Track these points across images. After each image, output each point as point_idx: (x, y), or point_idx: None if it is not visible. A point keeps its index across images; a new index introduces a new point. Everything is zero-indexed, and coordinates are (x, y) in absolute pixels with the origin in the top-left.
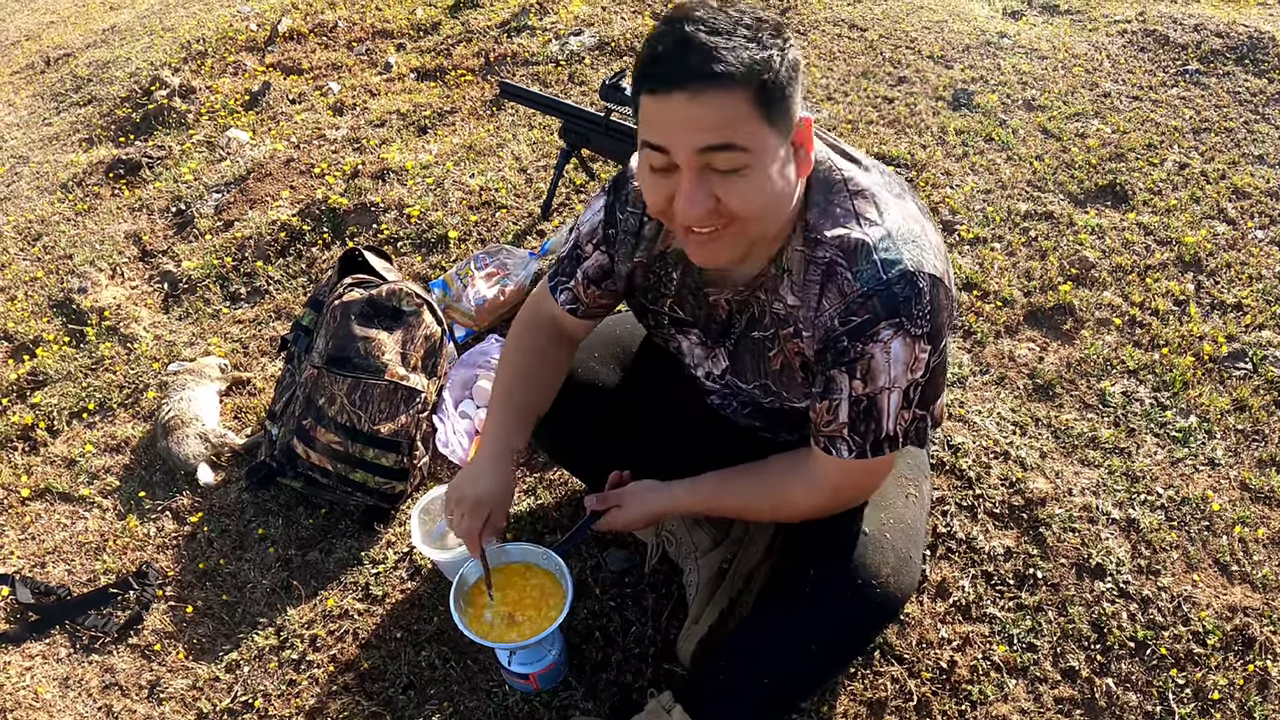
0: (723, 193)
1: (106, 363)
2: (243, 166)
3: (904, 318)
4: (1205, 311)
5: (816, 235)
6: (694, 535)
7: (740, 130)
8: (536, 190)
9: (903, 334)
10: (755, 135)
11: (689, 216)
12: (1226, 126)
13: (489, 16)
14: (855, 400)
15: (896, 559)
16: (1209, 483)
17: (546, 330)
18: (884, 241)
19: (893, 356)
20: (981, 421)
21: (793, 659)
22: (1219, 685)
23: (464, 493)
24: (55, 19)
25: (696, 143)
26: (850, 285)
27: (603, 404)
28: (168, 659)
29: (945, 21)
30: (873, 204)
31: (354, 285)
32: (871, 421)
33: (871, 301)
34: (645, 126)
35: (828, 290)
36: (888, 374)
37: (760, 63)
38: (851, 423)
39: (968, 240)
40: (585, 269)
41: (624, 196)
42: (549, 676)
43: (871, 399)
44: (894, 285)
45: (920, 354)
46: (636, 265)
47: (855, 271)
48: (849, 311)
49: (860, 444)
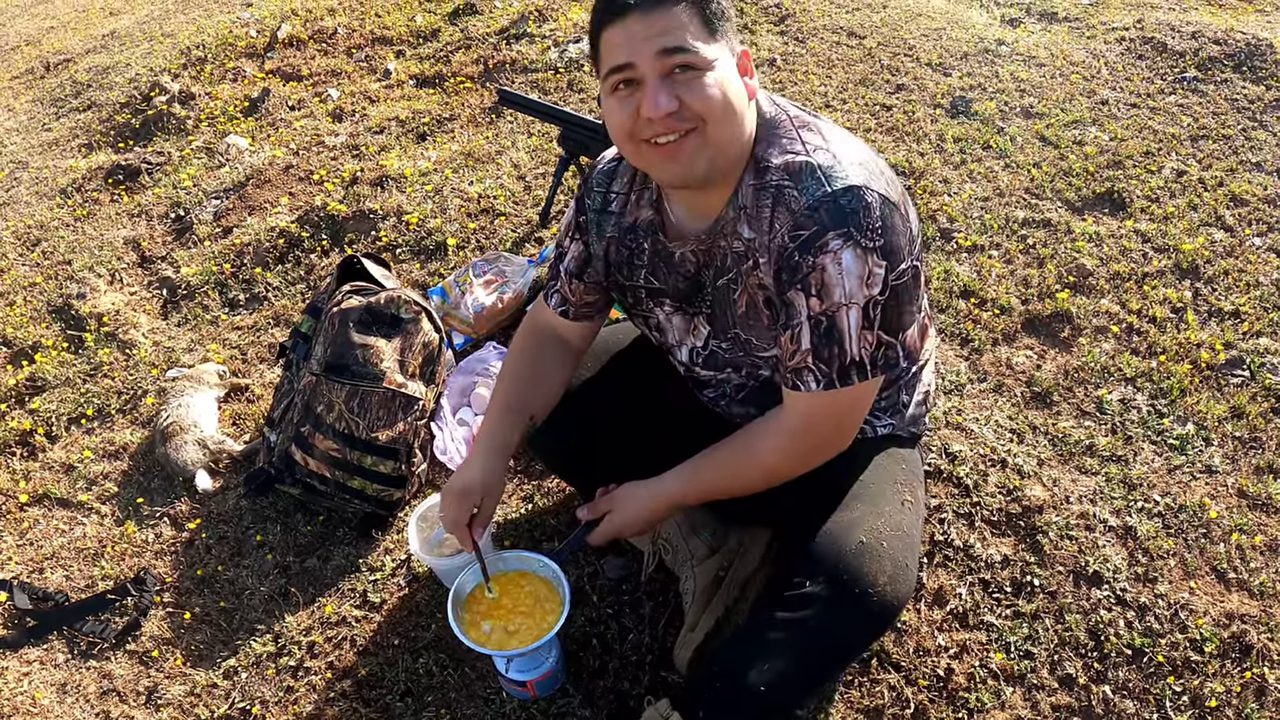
0: (684, 93)
1: (105, 368)
2: (242, 173)
3: (852, 228)
4: (1203, 319)
5: (764, 164)
6: (690, 543)
7: (691, 38)
8: (535, 198)
9: (852, 244)
10: (704, 45)
11: (657, 113)
12: (1224, 134)
13: (488, 23)
14: (815, 321)
15: (893, 567)
16: (1206, 490)
17: (542, 336)
18: (829, 161)
19: (844, 268)
20: (979, 429)
21: (789, 667)
22: (1216, 693)
23: (455, 485)
24: (55, 24)
25: (655, 47)
26: (797, 202)
27: (591, 410)
28: (165, 665)
29: (944, 29)
30: (819, 134)
31: (352, 292)
32: (834, 345)
33: (818, 214)
34: (608, 55)
35: (778, 212)
36: (842, 288)
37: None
38: (815, 349)
39: (965, 248)
40: (566, 265)
41: (589, 182)
42: (546, 684)
43: (830, 317)
44: (840, 198)
45: (874, 268)
46: (609, 242)
47: (801, 188)
48: (797, 226)
49: (826, 372)
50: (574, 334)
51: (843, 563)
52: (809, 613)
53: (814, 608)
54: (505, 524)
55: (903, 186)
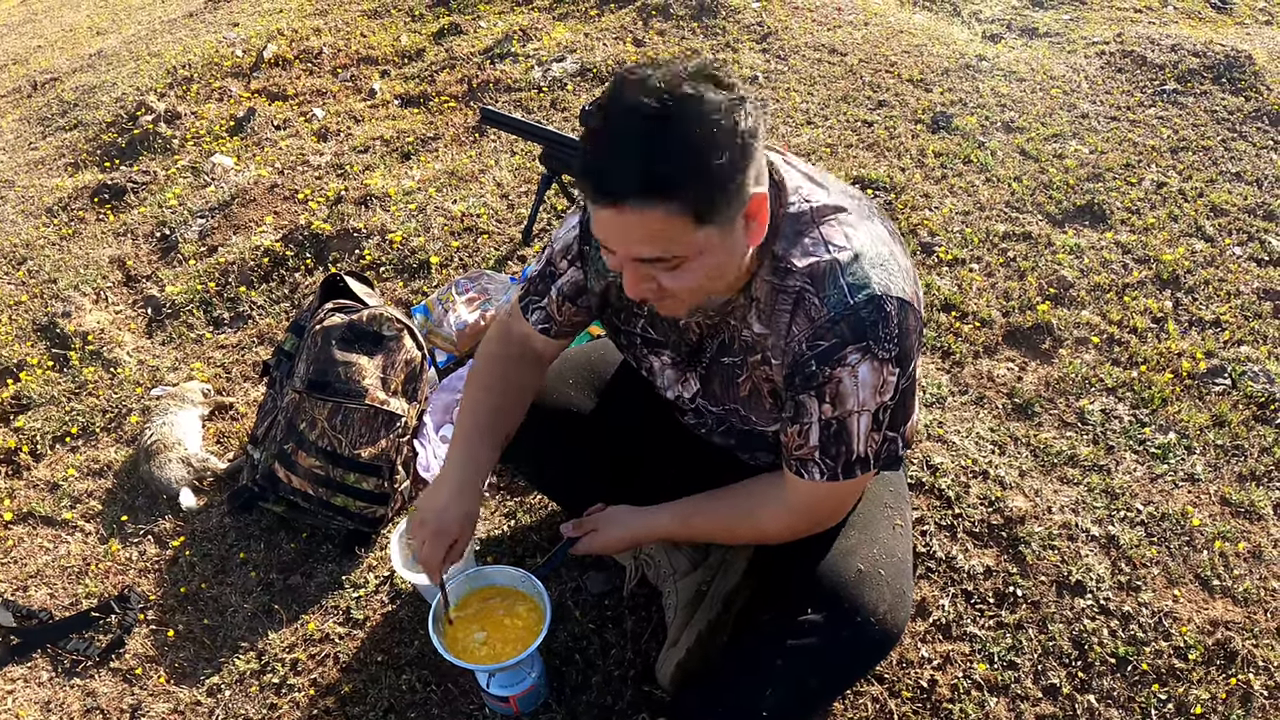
0: (663, 280)
1: (90, 387)
2: (227, 192)
3: (871, 341)
4: (1183, 328)
5: (786, 265)
6: (672, 558)
7: (673, 242)
8: (518, 216)
9: (870, 358)
10: (690, 242)
11: (633, 294)
12: (1204, 145)
13: (472, 43)
14: (825, 424)
15: (892, 595)
16: (1189, 498)
17: (516, 350)
18: (852, 265)
19: (860, 380)
20: (960, 441)
21: (789, 695)
22: (1201, 700)
23: (426, 519)
24: (42, 43)
25: (630, 253)
26: (818, 310)
27: (578, 430)
28: (149, 683)
29: (925, 45)
30: (841, 229)
31: (335, 310)
32: (842, 444)
33: (839, 326)
34: (593, 221)
35: (797, 317)
36: (856, 397)
37: (688, 175)
38: (822, 446)
39: (946, 261)
40: (560, 285)
41: None
42: (529, 699)
43: (841, 422)
44: (861, 310)
45: (889, 377)
46: (609, 285)
47: (822, 297)
48: (816, 336)
49: (832, 466)
50: (549, 349)
51: (843, 592)
52: (810, 641)
53: (815, 636)
54: (488, 540)
55: (915, 269)
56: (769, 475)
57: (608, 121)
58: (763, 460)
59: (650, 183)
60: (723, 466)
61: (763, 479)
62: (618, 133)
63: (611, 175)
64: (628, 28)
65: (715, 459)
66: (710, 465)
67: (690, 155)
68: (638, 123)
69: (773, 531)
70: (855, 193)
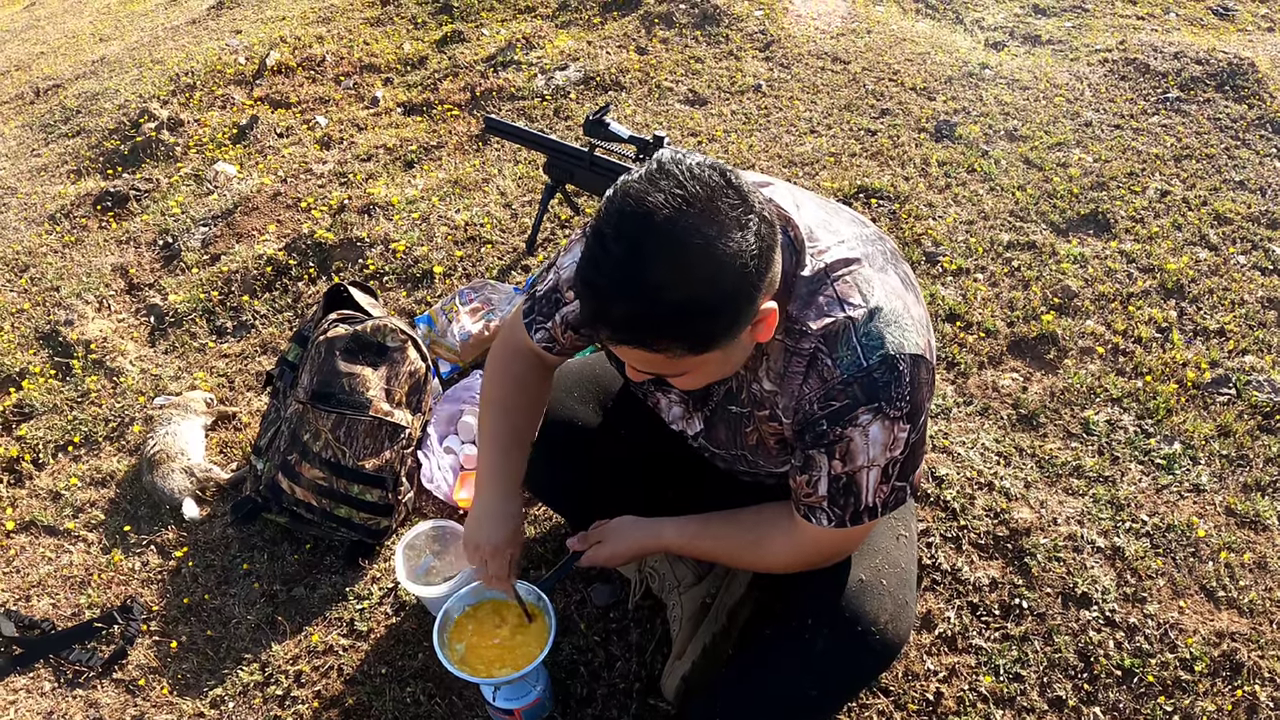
0: (671, 380)
1: (92, 396)
2: (230, 200)
3: (883, 402)
4: (1188, 338)
5: (801, 328)
6: (676, 570)
7: (674, 365)
8: (522, 225)
9: (882, 417)
10: (693, 362)
11: (639, 380)
12: (1207, 153)
13: (475, 51)
14: (834, 478)
15: (894, 605)
16: (1194, 509)
17: (526, 360)
18: (866, 325)
19: (871, 438)
20: (965, 453)
21: (789, 706)
22: (1207, 712)
23: (482, 540)
24: (45, 50)
25: (637, 371)
26: (830, 372)
27: (583, 442)
28: (152, 694)
29: (928, 54)
30: (855, 286)
31: (339, 321)
32: (851, 496)
33: (851, 388)
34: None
35: (809, 378)
36: (866, 454)
37: (685, 329)
38: (831, 497)
39: (951, 271)
40: (565, 314)
41: None
42: (533, 712)
43: (851, 477)
44: (874, 371)
45: (900, 434)
46: None
47: (835, 358)
48: (829, 397)
49: (840, 515)
50: (553, 360)
51: (845, 601)
52: (811, 652)
53: (817, 647)
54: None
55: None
56: (777, 506)
57: (605, 252)
58: (769, 480)
59: (646, 334)
60: (730, 481)
61: (770, 510)
62: (616, 279)
63: (607, 319)
64: (631, 36)
65: (721, 474)
66: (717, 479)
67: (690, 306)
68: (637, 268)
69: (775, 565)
70: (867, 234)
